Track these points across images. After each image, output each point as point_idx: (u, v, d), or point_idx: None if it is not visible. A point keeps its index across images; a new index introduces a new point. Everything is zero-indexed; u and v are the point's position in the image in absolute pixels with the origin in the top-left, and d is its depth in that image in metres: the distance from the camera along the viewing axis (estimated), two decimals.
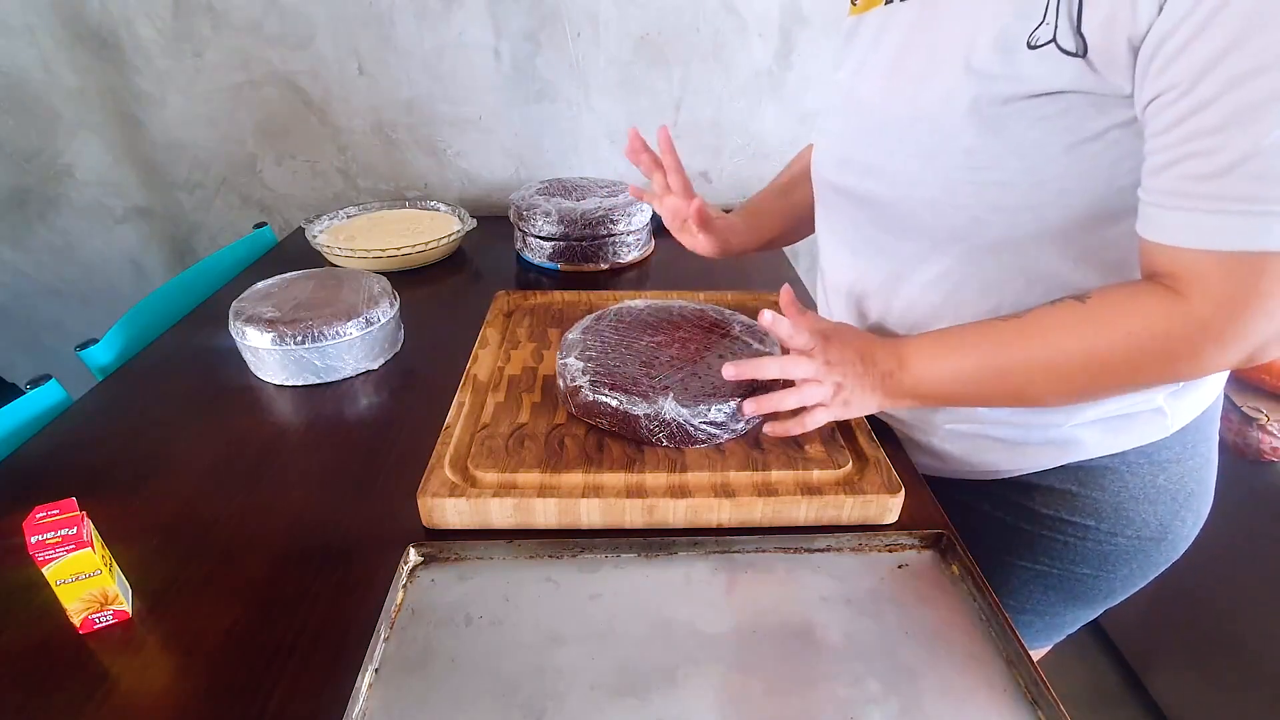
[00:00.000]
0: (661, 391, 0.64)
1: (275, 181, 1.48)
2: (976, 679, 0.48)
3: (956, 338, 0.56)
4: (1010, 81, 0.49)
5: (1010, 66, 0.48)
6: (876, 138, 0.61)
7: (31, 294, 1.58)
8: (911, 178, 0.58)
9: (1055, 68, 0.46)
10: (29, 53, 1.32)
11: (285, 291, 0.88)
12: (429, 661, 0.48)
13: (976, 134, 0.52)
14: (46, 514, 0.49)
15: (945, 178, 0.55)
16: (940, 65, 0.54)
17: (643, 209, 1.18)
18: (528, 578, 0.55)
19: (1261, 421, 1.05)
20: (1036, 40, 0.47)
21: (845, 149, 0.65)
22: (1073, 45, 0.45)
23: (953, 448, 0.69)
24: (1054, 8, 0.46)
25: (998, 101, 0.50)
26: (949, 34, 0.53)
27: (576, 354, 0.70)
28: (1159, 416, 0.61)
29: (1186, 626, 1.25)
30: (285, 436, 0.76)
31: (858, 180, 0.64)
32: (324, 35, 1.32)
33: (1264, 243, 0.42)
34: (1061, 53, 0.46)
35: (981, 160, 0.53)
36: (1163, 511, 0.65)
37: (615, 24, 1.32)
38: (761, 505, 0.59)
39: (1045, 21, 0.46)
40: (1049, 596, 0.71)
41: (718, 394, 0.64)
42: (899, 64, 0.58)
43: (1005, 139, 0.51)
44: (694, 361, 0.69)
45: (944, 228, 0.58)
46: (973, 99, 0.51)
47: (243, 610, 0.53)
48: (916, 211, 0.59)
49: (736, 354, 0.71)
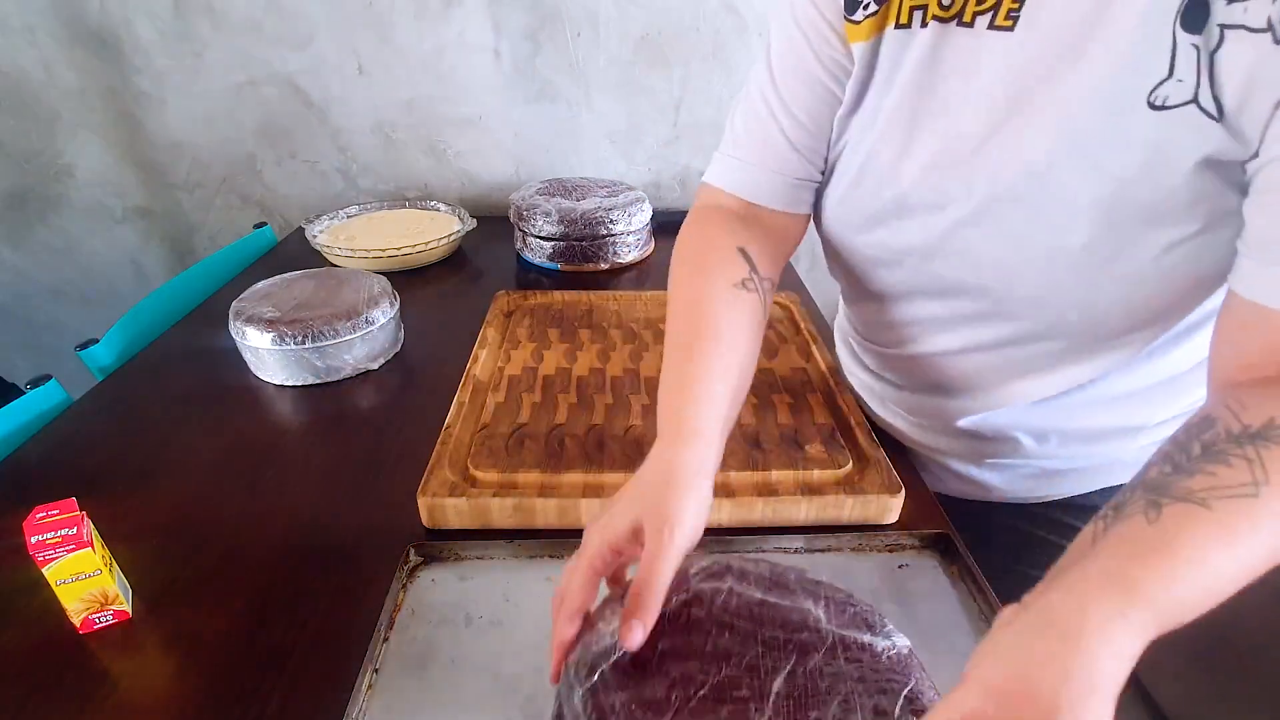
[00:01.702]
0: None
1: (275, 181, 1.48)
2: None
3: (1179, 553, 0.37)
4: (1140, 153, 0.40)
5: (1129, 135, 0.40)
6: (949, 225, 0.50)
7: (31, 294, 1.58)
8: (1008, 277, 0.49)
9: (1198, 135, 0.38)
10: (29, 53, 1.32)
11: (285, 291, 0.88)
12: (429, 661, 0.48)
13: (1097, 226, 0.43)
14: (46, 514, 0.49)
15: (1049, 276, 0.47)
16: (1038, 132, 0.44)
17: (643, 209, 1.18)
18: (528, 578, 0.55)
19: None
20: (1165, 100, 0.38)
21: (902, 234, 0.53)
22: (1211, 107, 0.38)
23: (993, 478, 0.66)
24: (1195, 63, 0.37)
25: (1135, 203, 0.41)
26: (1019, 95, 0.44)
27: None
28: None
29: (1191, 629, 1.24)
30: (285, 436, 0.76)
31: (931, 265, 0.54)
32: (324, 35, 1.32)
33: None
34: (1204, 115, 0.38)
35: (1106, 255, 0.44)
36: None
37: (615, 24, 1.32)
38: (761, 505, 0.59)
39: (1176, 77, 0.38)
40: None
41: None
42: (972, 123, 0.46)
43: (1138, 230, 0.42)
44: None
45: (1047, 321, 0.50)
46: (1093, 198, 0.42)
47: (243, 610, 0.53)
48: (1005, 307, 0.51)
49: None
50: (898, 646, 0.39)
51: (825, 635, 0.39)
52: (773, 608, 0.40)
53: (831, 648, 0.38)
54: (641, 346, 0.81)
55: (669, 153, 1.45)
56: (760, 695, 0.35)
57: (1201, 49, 0.37)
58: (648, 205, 1.20)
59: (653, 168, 1.47)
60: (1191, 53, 0.37)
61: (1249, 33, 0.35)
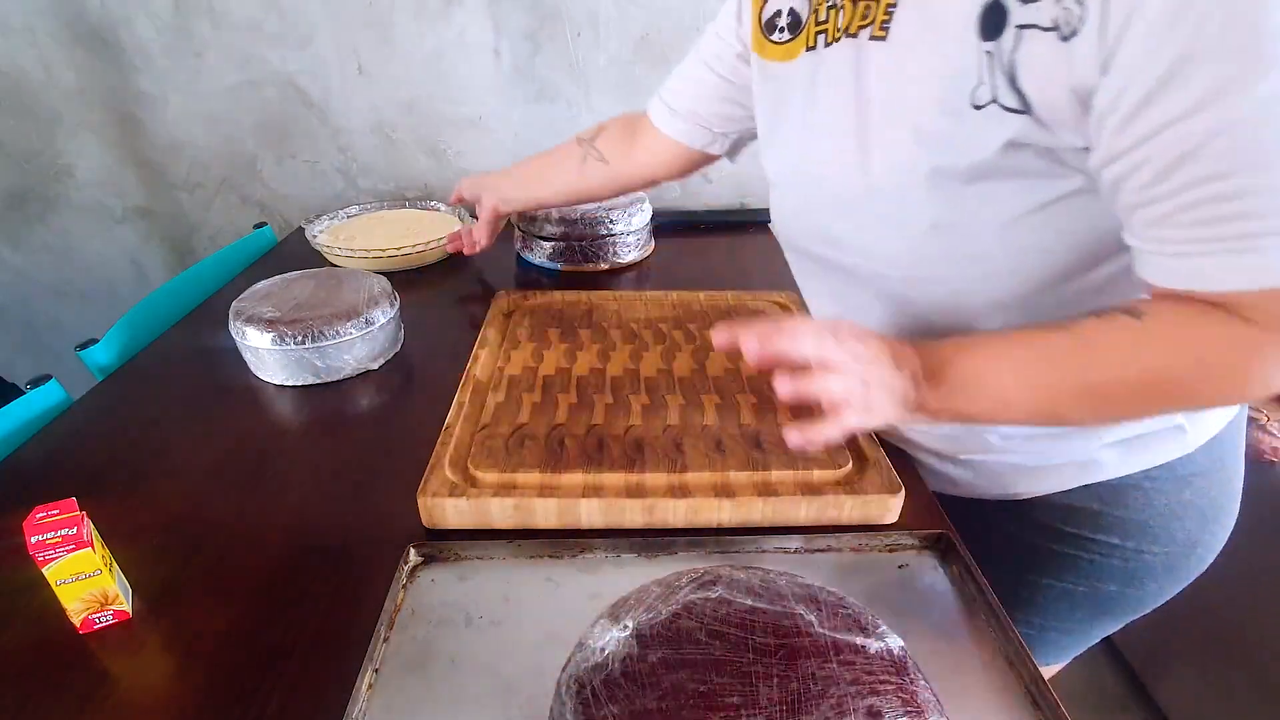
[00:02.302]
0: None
1: (275, 181, 1.48)
2: (976, 679, 0.48)
3: (1001, 350, 0.50)
4: (965, 147, 0.47)
5: (960, 130, 0.46)
6: (836, 210, 0.57)
7: (31, 294, 1.58)
8: (882, 253, 0.55)
9: (1004, 126, 0.45)
10: (29, 53, 1.32)
11: (285, 291, 0.88)
12: (429, 661, 0.48)
13: (941, 207, 0.49)
14: (46, 514, 0.49)
15: (914, 252, 0.53)
16: (886, 132, 0.51)
17: (643, 209, 1.18)
18: (528, 578, 0.55)
19: (1261, 422, 1.05)
20: (979, 100, 0.45)
21: (806, 218, 0.62)
22: (1014, 102, 0.44)
23: (967, 474, 0.67)
24: (987, 67, 0.44)
25: (956, 171, 0.48)
26: (888, 98, 0.50)
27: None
28: (1180, 434, 0.60)
29: (1190, 630, 1.24)
30: (285, 436, 0.76)
31: (825, 249, 0.61)
32: (324, 35, 1.32)
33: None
34: (1005, 110, 0.44)
35: (951, 234, 0.50)
36: (1191, 526, 0.64)
37: (615, 24, 1.32)
38: (761, 505, 0.59)
39: (981, 81, 0.45)
40: (1077, 614, 0.70)
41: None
42: (840, 129, 0.54)
43: (971, 209, 0.49)
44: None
45: (927, 301, 0.56)
46: (931, 170, 0.48)
47: (243, 610, 0.53)
48: (894, 286, 0.56)
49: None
50: (891, 647, 0.39)
51: (817, 639, 0.39)
52: (764, 614, 0.40)
53: (824, 651, 0.38)
54: (641, 346, 0.81)
55: None
56: (752, 702, 0.35)
57: (995, 54, 0.43)
58: (648, 205, 1.20)
59: None
60: (987, 58, 0.44)
61: (1041, 31, 0.41)
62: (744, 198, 1.50)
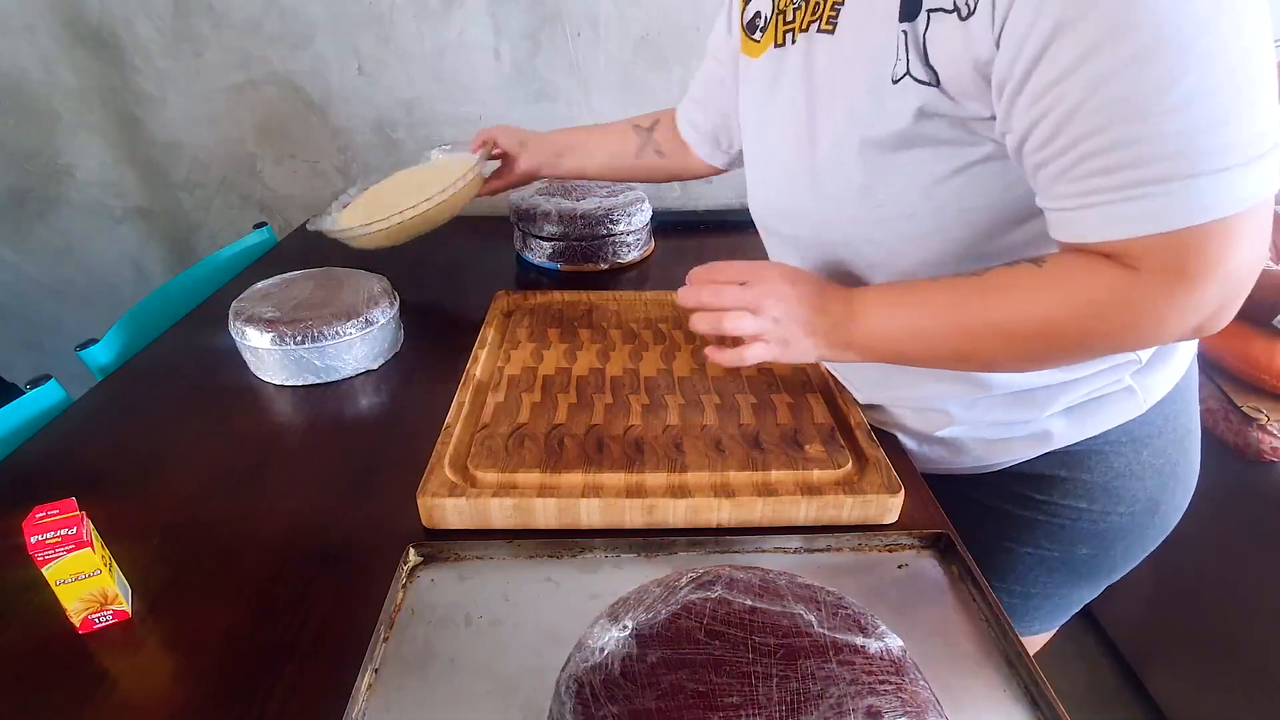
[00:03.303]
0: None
1: (275, 181, 1.48)
2: (976, 679, 0.48)
3: (913, 293, 0.57)
4: (885, 119, 0.52)
5: (882, 104, 0.52)
6: (791, 186, 0.63)
7: (31, 294, 1.58)
8: (828, 221, 0.61)
9: (915, 96, 0.50)
10: (29, 53, 1.32)
11: (285, 291, 0.88)
12: (429, 661, 0.48)
13: (869, 174, 0.55)
14: (46, 514, 0.49)
15: (854, 219, 0.59)
16: (827, 113, 0.57)
17: (643, 209, 1.18)
18: (528, 578, 0.55)
19: (1261, 421, 1.05)
20: (896, 74, 0.50)
21: (768, 198, 0.70)
22: (925, 75, 0.49)
23: (943, 451, 0.70)
24: (904, 45, 0.49)
25: (880, 141, 0.53)
26: (830, 83, 0.56)
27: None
28: (1130, 395, 0.63)
29: (1186, 626, 1.25)
30: (285, 436, 0.76)
31: (789, 226, 0.67)
32: (324, 35, 1.32)
33: (1187, 218, 0.42)
34: (916, 83, 0.49)
35: (879, 197, 0.56)
36: (1150, 486, 0.67)
37: (615, 24, 1.32)
38: (761, 505, 0.59)
39: (898, 58, 0.50)
40: (1054, 579, 0.73)
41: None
42: (794, 114, 0.60)
43: (894, 175, 0.54)
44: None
45: (865, 263, 0.62)
46: (860, 142, 0.54)
47: (243, 610, 0.53)
48: (839, 251, 0.63)
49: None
50: (890, 647, 0.39)
51: (817, 639, 0.39)
52: (763, 614, 0.40)
53: (823, 651, 0.38)
54: (641, 346, 0.81)
55: None
56: (752, 702, 0.35)
57: (910, 33, 0.48)
58: (648, 205, 1.20)
59: None
60: (903, 37, 0.49)
61: (945, 14, 0.46)
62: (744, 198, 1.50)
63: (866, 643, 0.39)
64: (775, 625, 0.39)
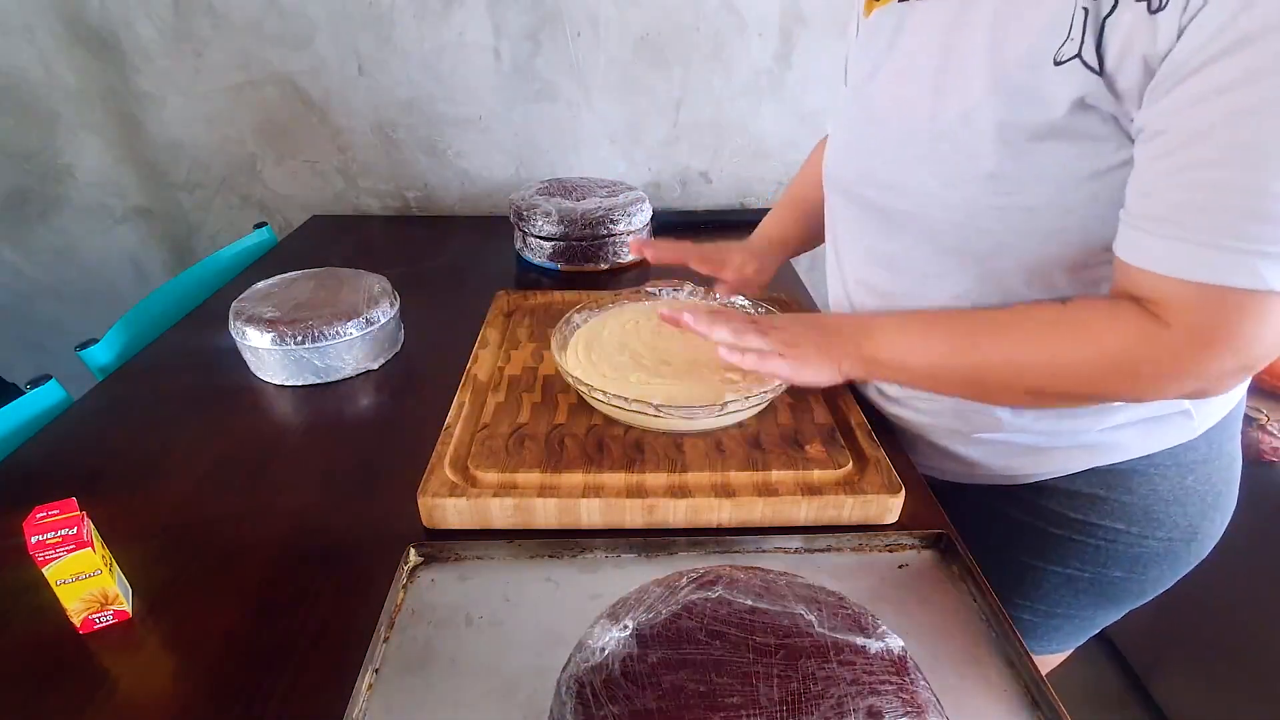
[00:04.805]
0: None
1: (275, 181, 1.48)
2: (976, 679, 0.48)
3: (928, 322, 0.57)
4: (1038, 104, 0.48)
5: (1038, 85, 0.47)
6: (895, 152, 0.59)
7: (31, 294, 1.58)
8: (934, 198, 0.56)
9: (1079, 84, 0.46)
10: (29, 53, 1.32)
11: (285, 291, 0.88)
12: (429, 662, 0.48)
13: (1002, 159, 0.51)
14: (46, 514, 0.49)
15: (970, 201, 0.54)
16: (963, 80, 0.52)
17: (643, 209, 1.18)
18: (528, 578, 0.55)
19: (1261, 421, 1.05)
20: (1062, 56, 0.46)
21: (862, 161, 0.64)
22: (1094, 61, 0.45)
23: (977, 454, 0.67)
24: (1080, 22, 0.45)
25: (1025, 127, 0.49)
26: (972, 44, 0.51)
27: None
28: (1187, 419, 0.61)
29: (1189, 628, 1.24)
30: (285, 436, 0.76)
31: (877, 194, 0.62)
32: (324, 35, 1.32)
33: (1250, 281, 0.42)
34: (1085, 68, 0.45)
35: (1007, 186, 0.51)
36: (1192, 512, 0.64)
37: (615, 24, 1.32)
38: (761, 505, 0.59)
39: (1070, 37, 0.45)
40: (1080, 600, 0.70)
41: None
42: (915, 72, 0.56)
43: (1031, 165, 0.50)
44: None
45: (967, 250, 0.57)
46: (999, 124, 0.50)
47: (243, 610, 0.53)
48: (939, 231, 0.57)
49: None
50: (891, 648, 0.39)
51: (818, 639, 0.39)
52: (764, 614, 0.40)
53: (824, 651, 0.38)
54: None
55: (669, 153, 1.45)
56: (752, 702, 0.35)
57: (1091, 11, 0.44)
58: (648, 205, 1.20)
59: (653, 168, 1.47)
60: (1082, 14, 0.45)
61: (1135, 1, 0.42)
62: (744, 198, 1.50)
63: (867, 643, 0.39)
64: (776, 625, 0.39)
